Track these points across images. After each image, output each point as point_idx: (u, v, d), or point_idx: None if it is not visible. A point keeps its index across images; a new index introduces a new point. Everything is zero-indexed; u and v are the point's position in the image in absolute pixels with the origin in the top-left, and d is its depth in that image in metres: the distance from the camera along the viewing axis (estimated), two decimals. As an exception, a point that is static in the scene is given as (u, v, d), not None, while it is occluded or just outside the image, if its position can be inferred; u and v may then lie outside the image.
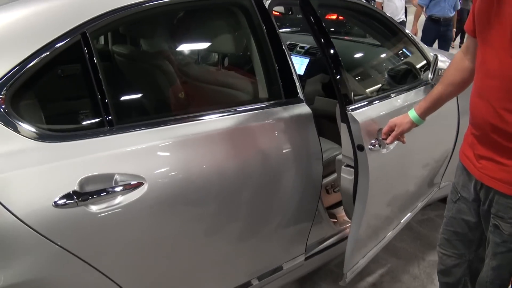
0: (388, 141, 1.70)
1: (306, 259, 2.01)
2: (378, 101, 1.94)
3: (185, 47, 2.12)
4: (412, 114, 1.65)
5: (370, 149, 1.72)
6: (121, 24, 1.67)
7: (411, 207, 2.38)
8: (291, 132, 1.75)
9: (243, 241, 1.73)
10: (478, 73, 1.37)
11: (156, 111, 1.81)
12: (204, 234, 1.57)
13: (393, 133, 1.68)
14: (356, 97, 1.80)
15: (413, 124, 1.66)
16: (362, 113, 1.74)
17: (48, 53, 1.26)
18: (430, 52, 2.51)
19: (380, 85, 2.42)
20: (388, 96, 2.04)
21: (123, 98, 1.67)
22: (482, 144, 1.39)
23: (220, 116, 1.58)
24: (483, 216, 1.49)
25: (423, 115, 1.65)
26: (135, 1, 1.44)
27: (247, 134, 1.63)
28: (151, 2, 1.47)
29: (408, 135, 1.72)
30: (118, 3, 1.41)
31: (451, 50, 9.46)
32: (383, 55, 2.81)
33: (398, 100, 2.05)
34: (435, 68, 2.21)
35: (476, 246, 1.62)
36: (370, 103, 1.86)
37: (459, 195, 1.57)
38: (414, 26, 5.72)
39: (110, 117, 1.35)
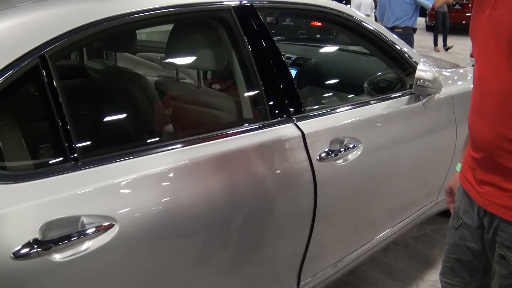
0: None
1: (299, 290, 1.86)
2: (336, 111, 1.85)
3: (162, 65, 1.96)
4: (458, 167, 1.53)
5: (318, 159, 1.67)
6: (86, 43, 1.52)
7: (385, 227, 2.22)
8: (279, 155, 1.61)
9: (231, 273, 1.58)
10: (475, 90, 1.25)
11: (127, 139, 1.64)
12: (188, 272, 1.42)
13: None
14: (308, 107, 1.76)
15: None
16: (310, 123, 1.69)
17: (1, 80, 1.10)
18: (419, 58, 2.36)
19: (346, 95, 2.39)
20: (352, 107, 1.93)
21: (89, 127, 1.51)
22: (483, 168, 1.26)
23: (201, 143, 1.43)
24: (487, 245, 1.35)
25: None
26: (100, 18, 1.29)
27: (232, 160, 1.48)
28: (117, 19, 1.32)
29: (388, 150, 1.71)
30: (81, 21, 1.26)
31: (435, 55, 9.49)
32: (353, 62, 2.72)
33: (360, 111, 1.94)
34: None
35: (482, 274, 1.48)
36: (324, 114, 1.79)
37: (461, 221, 1.43)
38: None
39: (74, 150, 1.19)
